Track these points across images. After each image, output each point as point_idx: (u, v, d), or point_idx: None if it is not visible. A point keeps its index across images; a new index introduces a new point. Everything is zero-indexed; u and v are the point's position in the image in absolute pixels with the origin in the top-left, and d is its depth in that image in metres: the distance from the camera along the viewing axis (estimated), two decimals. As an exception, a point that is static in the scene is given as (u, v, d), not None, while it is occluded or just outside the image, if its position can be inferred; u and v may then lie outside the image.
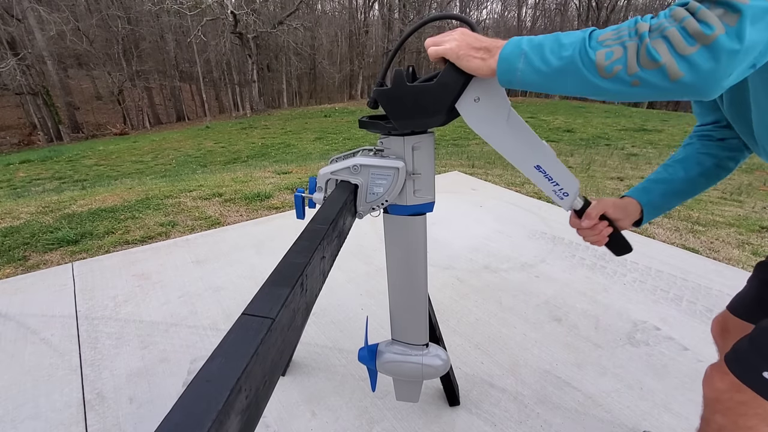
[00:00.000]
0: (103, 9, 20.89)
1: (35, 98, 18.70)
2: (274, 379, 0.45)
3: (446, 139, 9.51)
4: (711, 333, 1.05)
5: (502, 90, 0.73)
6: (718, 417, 0.74)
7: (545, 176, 0.79)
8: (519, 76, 0.59)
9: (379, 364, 1.11)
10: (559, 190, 0.81)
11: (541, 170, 0.79)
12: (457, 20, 0.78)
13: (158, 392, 1.39)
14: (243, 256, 2.30)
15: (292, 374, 1.46)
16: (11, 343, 1.64)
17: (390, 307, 1.07)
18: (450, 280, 2.05)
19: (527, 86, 0.60)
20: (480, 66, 0.63)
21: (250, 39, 18.30)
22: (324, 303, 1.85)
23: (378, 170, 0.87)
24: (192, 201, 3.20)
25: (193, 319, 1.77)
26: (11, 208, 3.13)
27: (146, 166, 9.49)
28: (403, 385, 1.18)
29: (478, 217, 2.83)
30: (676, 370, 1.48)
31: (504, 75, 0.61)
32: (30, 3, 17.24)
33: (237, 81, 25.56)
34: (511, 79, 0.60)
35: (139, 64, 22.09)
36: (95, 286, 2.03)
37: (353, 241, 2.37)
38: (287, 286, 0.50)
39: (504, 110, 0.75)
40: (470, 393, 1.38)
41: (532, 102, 19.81)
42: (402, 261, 0.99)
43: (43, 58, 18.53)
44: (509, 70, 0.60)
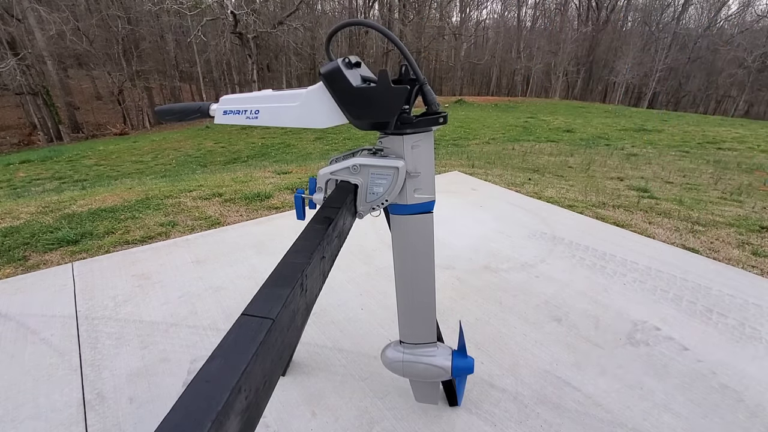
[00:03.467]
0: (103, 9, 20.90)
1: (35, 98, 18.70)
2: (274, 380, 0.45)
3: (446, 139, 9.51)
4: None
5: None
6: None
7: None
8: None
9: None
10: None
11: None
12: (371, 28, 0.80)
13: (158, 392, 1.39)
14: (243, 256, 2.30)
15: (292, 374, 1.46)
16: (11, 343, 1.64)
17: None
18: (450, 280, 2.05)
19: None
20: None
21: (250, 39, 18.29)
22: (324, 303, 1.85)
23: (378, 170, 0.87)
24: (192, 201, 3.20)
25: (193, 319, 1.77)
26: (11, 208, 3.13)
27: (146, 166, 9.48)
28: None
29: (478, 216, 2.82)
30: (676, 370, 1.48)
31: None
32: (30, 3, 17.24)
33: (237, 81, 25.56)
34: None
35: (139, 64, 22.09)
36: (95, 286, 2.03)
37: (353, 241, 2.37)
38: (287, 286, 0.50)
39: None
40: (470, 393, 1.38)
41: (532, 102, 19.81)
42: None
43: (43, 58, 18.52)
44: None
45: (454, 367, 1.10)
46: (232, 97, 0.91)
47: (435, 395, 1.21)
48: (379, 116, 0.79)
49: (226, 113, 0.91)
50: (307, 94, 0.84)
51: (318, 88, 0.82)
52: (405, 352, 1.11)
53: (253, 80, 19.46)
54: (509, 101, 20.21)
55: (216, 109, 0.92)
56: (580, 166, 4.96)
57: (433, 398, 1.21)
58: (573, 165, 5.04)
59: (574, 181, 3.99)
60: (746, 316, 1.74)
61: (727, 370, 1.47)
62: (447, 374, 1.11)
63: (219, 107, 0.92)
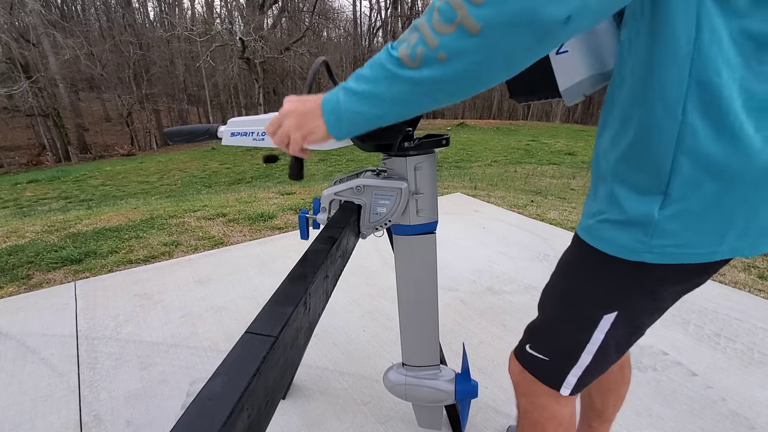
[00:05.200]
0: (116, 35, 21.61)
1: (45, 120, 19.11)
2: (275, 399, 0.45)
3: (448, 161, 9.60)
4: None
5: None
6: (521, 400, 0.81)
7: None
8: (346, 115, 0.54)
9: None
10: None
11: None
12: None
13: (156, 415, 1.37)
14: (245, 277, 2.30)
15: (292, 398, 1.43)
16: (10, 362, 1.63)
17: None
18: (453, 302, 2.03)
19: (360, 123, 0.55)
20: (319, 135, 0.60)
21: (257, 64, 18.78)
22: (325, 324, 1.83)
23: (381, 191, 0.88)
24: (196, 221, 3.22)
25: (194, 340, 1.75)
26: (17, 227, 3.15)
27: (152, 187, 9.59)
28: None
29: (481, 238, 2.82)
30: (685, 396, 1.44)
31: (333, 124, 0.56)
32: (45, 28, 17.86)
33: (243, 104, 26.10)
34: (340, 124, 0.56)
35: (148, 88, 22.65)
36: (97, 306, 2.02)
37: (356, 262, 2.37)
38: (290, 304, 0.50)
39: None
40: (474, 418, 1.35)
41: (533, 126, 20.06)
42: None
43: (56, 81, 19.04)
44: (334, 112, 0.55)
45: (458, 391, 1.08)
46: (239, 120, 0.93)
47: (438, 420, 1.18)
48: (382, 138, 0.80)
49: (233, 135, 0.93)
50: None
51: None
52: (408, 375, 1.09)
53: (259, 103, 19.87)
54: (511, 124, 20.46)
55: (224, 131, 0.94)
56: (582, 188, 4.98)
57: (437, 424, 1.19)
58: (575, 187, 5.06)
59: (577, 204, 4.00)
60: (755, 340, 1.71)
61: (737, 396, 1.44)
62: (450, 398, 1.09)
63: (226, 129, 0.94)
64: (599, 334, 0.67)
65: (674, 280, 0.60)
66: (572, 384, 0.72)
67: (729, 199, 0.51)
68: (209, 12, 25.24)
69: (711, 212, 0.52)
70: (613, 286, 0.64)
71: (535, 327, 0.80)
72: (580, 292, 0.70)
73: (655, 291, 0.62)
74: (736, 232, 0.53)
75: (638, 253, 0.58)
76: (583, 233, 0.66)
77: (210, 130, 0.97)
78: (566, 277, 0.73)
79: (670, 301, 0.65)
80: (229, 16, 23.61)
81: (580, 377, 0.72)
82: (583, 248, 0.66)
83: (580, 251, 0.68)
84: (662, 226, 0.54)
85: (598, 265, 0.64)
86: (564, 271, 0.74)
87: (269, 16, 22.36)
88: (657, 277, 0.60)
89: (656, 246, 0.56)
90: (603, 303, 0.66)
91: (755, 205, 0.51)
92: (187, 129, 1.00)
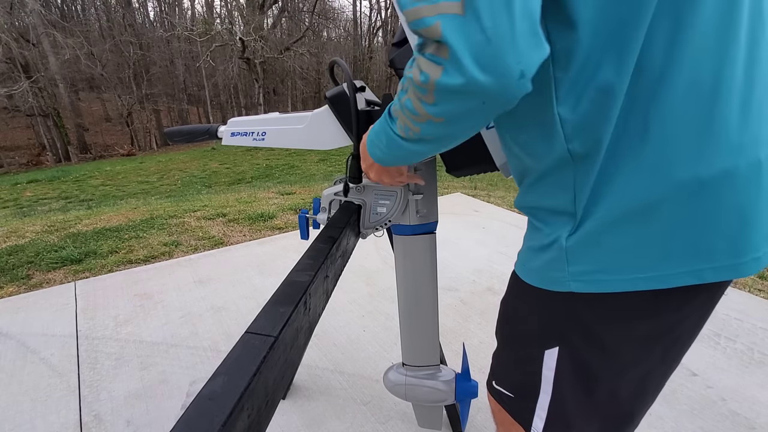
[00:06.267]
0: (116, 35, 21.59)
1: (45, 120, 19.10)
2: (275, 399, 0.45)
3: (449, 162, 9.58)
4: None
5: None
6: (499, 428, 0.79)
7: None
8: (385, 160, 0.64)
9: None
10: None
11: None
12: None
13: (156, 415, 1.37)
14: (245, 277, 2.30)
15: (292, 398, 1.43)
16: (10, 362, 1.63)
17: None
18: (453, 302, 2.03)
19: (396, 162, 0.66)
20: (390, 171, 0.76)
21: (257, 64, 18.79)
22: (325, 324, 1.83)
23: (381, 191, 0.88)
24: (196, 221, 3.22)
25: (194, 340, 1.75)
26: (17, 227, 3.15)
27: (152, 187, 9.59)
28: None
29: (481, 238, 2.82)
30: (685, 396, 1.44)
31: (385, 163, 0.66)
32: (45, 29, 17.86)
33: (243, 104, 26.11)
34: (387, 162, 0.66)
35: (148, 88, 22.64)
36: (97, 306, 2.02)
37: (356, 262, 2.37)
38: (290, 304, 0.50)
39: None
40: (475, 418, 1.35)
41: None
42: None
43: (56, 81, 19.03)
44: (379, 161, 0.66)
45: (458, 390, 1.08)
46: (239, 120, 0.93)
47: (438, 420, 1.18)
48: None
49: (233, 135, 0.93)
50: (313, 117, 0.86)
51: (323, 111, 0.85)
52: (408, 375, 1.09)
53: (259, 103, 19.88)
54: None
55: (224, 131, 0.94)
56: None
57: (437, 423, 1.19)
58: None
59: (577, 204, 3.99)
60: (755, 340, 1.71)
61: (737, 396, 1.44)
62: (450, 398, 1.09)
63: (227, 129, 0.94)
64: (548, 372, 0.62)
65: (610, 315, 0.55)
66: (540, 428, 0.66)
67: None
68: (209, 12, 25.24)
69: (630, 232, 0.49)
70: (545, 318, 0.61)
71: (495, 360, 0.77)
72: (519, 326, 0.67)
73: (591, 326, 0.57)
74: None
75: (559, 282, 0.55)
76: (517, 264, 0.65)
77: (210, 130, 0.97)
78: (508, 309, 0.71)
79: (629, 347, 0.57)
80: (229, 16, 23.61)
81: (546, 421, 0.65)
82: (516, 279, 0.64)
83: (514, 282, 0.66)
84: (573, 249, 0.52)
85: (530, 297, 0.62)
86: (507, 302, 0.72)
87: (269, 16, 22.37)
88: (587, 309, 0.56)
89: (576, 273, 0.53)
90: (540, 336, 0.62)
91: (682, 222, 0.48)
92: (187, 129, 1.00)
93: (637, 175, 0.48)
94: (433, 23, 0.40)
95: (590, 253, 0.52)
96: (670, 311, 0.54)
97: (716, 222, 0.47)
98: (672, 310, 0.53)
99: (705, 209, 0.47)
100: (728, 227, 0.47)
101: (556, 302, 0.58)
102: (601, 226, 0.50)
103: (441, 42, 0.40)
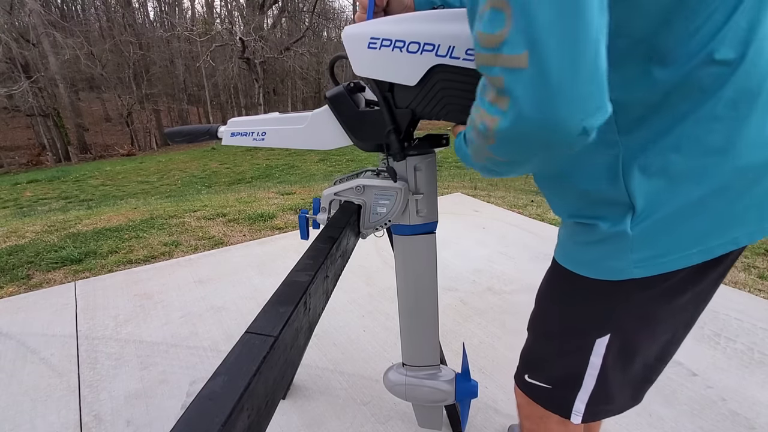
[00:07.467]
0: (116, 35, 21.58)
1: (45, 120, 19.09)
2: (275, 400, 0.45)
3: (449, 162, 9.59)
4: None
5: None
6: (525, 422, 0.81)
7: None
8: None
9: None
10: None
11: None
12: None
13: (156, 415, 1.37)
14: (245, 277, 2.30)
15: (292, 398, 1.43)
16: (11, 362, 1.63)
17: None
18: (453, 302, 2.03)
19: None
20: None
21: (257, 64, 18.77)
22: (325, 324, 1.83)
23: (381, 191, 0.88)
24: (196, 221, 3.22)
25: (194, 340, 1.75)
26: (17, 227, 3.15)
27: (152, 187, 9.59)
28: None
29: (481, 238, 2.82)
30: (685, 396, 1.44)
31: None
32: (45, 28, 17.85)
33: (243, 104, 26.10)
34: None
35: (148, 88, 22.63)
36: (97, 306, 2.02)
37: (356, 262, 2.37)
38: (290, 304, 0.50)
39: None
40: (474, 419, 1.35)
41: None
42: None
43: (56, 81, 19.02)
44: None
45: (458, 390, 1.08)
46: (239, 120, 0.93)
47: (438, 420, 1.18)
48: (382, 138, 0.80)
49: (233, 135, 0.93)
50: (313, 117, 0.86)
51: (323, 111, 0.84)
52: (408, 375, 1.09)
53: (259, 103, 19.87)
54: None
55: (224, 131, 0.94)
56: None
57: (437, 423, 1.19)
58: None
59: (577, 204, 3.99)
60: (755, 340, 1.71)
61: (737, 396, 1.44)
62: (450, 398, 1.09)
63: (227, 129, 0.94)
64: (596, 359, 0.65)
65: (660, 293, 0.59)
66: (581, 411, 0.70)
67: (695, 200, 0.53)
68: (209, 12, 25.23)
69: (681, 216, 0.53)
70: (600, 308, 0.63)
71: (530, 355, 0.78)
72: (567, 319, 0.69)
73: (643, 307, 0.61)
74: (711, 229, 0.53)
75: (620, 271, 0.57)
76: (562, 259, 0.66)
77: (210, 130, 0.97)
78: (551, 303, 0.73)
79: (670, 318, 0.63)
80: (229, 16, 23.61)
81: (588, 403, 0.69)
82: (565, 274, 0.65)
83: (561, 277, 0.67)
84: (638, 239, 0.55)
85: (582, 290, 0.64)
86: (548, 297, 0.73)
87: (269, 16, 22.35)
88: (642, 292, 0.59)
89: (638, 260, 0.56)
90: (593, 327, 0.65)
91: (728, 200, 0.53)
92: (188, 129, 1.00)
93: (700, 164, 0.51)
94: (498, 75, 0.40)
95: (655, 239, 0.54)
96: (704, 281, 0.60)
97: (754, 197, 0.53)
98: (705, 278, 0.59)
99: (749, 189, 0.52)
100: (760, 200, 0.53)
101: (612, 290, 0.60)
102: (668, 214, 0.53)
103: (503, 92, 0.40)
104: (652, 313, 0.62)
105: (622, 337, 0.64)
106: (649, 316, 0.62)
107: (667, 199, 0.53)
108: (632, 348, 0.65)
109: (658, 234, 0.54)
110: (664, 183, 0.52)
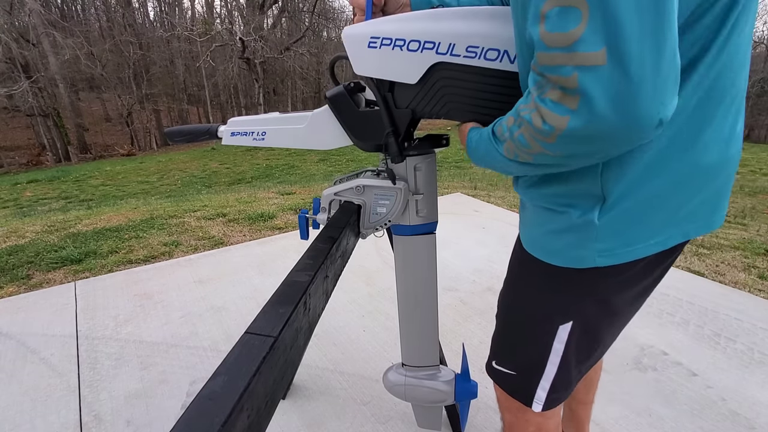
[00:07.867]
0: (116, 35, 21.58)
1: (45, 120, 19.09)
2: (275, 400, 0.45)
3: (449, 162, 9.60)
4: None
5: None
6: (505, 414, 0.83)
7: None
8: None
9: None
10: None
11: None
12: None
13: (156, 414, 1.37)
14: (245, 277, 2.30)
15: (292, 398, 1.43)
16: (11, 362, 1.63)
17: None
18: (453, 302, 2.03)
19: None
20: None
21: (257, 64, 18.77)
22: (325, 324, 1.83)
23: (381, 191, 0.88)
24: (196, 221, 3.22)
25: (194, 340, 1.75)
26: (17, 227, 3.15)
27: (152, 187, 9.59)
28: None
29: (481, 238, 2.82)
30: (685, 396, 1.44)
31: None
32: (45, 29, 17.85)
33: (243, 104, 26.10)
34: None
35: (148, 88, 22.63)
36: (97, 306, 2.02)
37: (355, 262, 2.37)
38: (290, 304, 0.50)
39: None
40: (474, 419, 1.35)
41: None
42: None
43: (56, 81, 19.02)
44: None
45: (458, 391, 1.08)
46: (239, 120, 0.93)
47: (438, 421, 1.18)
48: (382, 139, 0.80)
49: (233, 135, 0.93)
50: (313, 117, 0.86)
51: (323, 111, 0.84)
52: (407, 375, 1.09)
53: (259, 103, 19.87)
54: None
55: (224, 131, 0.94)
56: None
57: (436, 424, 1.18)
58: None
59: (577, 204, 3.99)
60: (755, 340, 1.71)
61: (737, 396, 1.44)
62: (450, 398, 1.09)
63: (227, 129, 0.94)
64: (559, 345, 0.67)
65: (619, 282, 0.61)
66: (543, 399, 0.71)
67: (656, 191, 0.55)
68: (209, 12, 25.22)
69: (643, 208, 0.55)
70: (564, 296, 0.65)
71: (497, 341, 0.80)
72: (532, 306, 0.70)
73: (604, 295, 0.63)
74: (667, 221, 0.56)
75: (585, 259, 0.58)
76: (531, 247, 0.67)
77: (210, 130, 0.97)
78: (516, 290, 0.74)
79: (627, 307, 0.66)
80: (229, 16, 23.61)
81: (549, 391, 0.71)
82: (532, 260, 0.66)
83: (528, 263, 0.68)
84: (603, 229, 0.56)
85: (547, 277, 0.65)
86: (513, 284, 0.75)
87: (269, 16, 22.35)
88: (604, 280, 0.61)
89: (602, 250, 0.57)
90: (556, 314, 0.66)
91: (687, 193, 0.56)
92: (188, 129, 1.00)
93: (665, 159, 0.53)
94: (570, 74, 0.39)
95: (619, 229, 0.56)
96: (658, 268, 0.63)
97: (707, 193, 0.57)
98: (658, 268, 0.63)
99: (705, 186, 0.56)
100: (711, 196, 0.58)
101: (576, 278, 0.62)
102: (632, 205, 0.55)
103: (573, 91, 0.39)
104: (612, 302, 0.64)
105: (584, 324, 0.66)
106: (609, 304, 0.64)
107: (632, 191, 0.54)
108: (593, 335, 0.68)
109: (621, 225, 0.56)
110: (633, 175, 0.53)
